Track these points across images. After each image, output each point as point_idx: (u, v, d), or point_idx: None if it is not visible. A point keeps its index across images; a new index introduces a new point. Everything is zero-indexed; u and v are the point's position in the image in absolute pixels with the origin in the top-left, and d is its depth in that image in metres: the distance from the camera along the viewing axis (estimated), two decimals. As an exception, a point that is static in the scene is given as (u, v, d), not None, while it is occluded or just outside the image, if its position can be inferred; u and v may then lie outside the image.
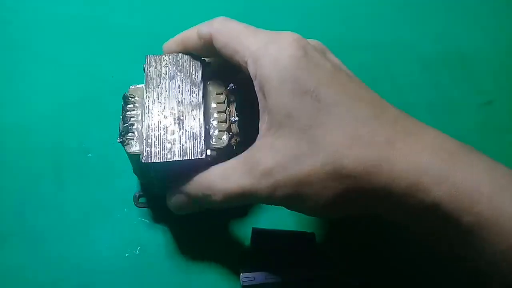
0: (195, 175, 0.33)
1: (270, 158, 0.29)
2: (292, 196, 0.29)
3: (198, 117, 0.34)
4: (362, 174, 0.27)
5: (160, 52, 0.38)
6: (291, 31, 0.49)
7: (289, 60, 0.30)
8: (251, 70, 0.31)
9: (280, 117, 0.29)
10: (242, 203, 0.32)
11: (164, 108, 0.34)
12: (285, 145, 0.29)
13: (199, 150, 0.32)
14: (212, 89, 0.37)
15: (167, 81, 0.36)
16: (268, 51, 0.31)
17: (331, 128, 0.28)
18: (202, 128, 0.33)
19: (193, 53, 0.37)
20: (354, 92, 0.30)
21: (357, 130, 0.28)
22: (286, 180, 0.29)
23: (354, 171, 0.28)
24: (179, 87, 0.36)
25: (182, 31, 0.49)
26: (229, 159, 0.32)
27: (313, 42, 0.34)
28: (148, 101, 0.35)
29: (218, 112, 0.36)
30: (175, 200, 0.34)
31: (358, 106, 0.29)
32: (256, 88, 0.32)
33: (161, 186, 0.36)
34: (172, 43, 0.38)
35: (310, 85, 0.29)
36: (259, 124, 0.32)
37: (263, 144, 0.31)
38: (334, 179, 0.28)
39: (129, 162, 0.36)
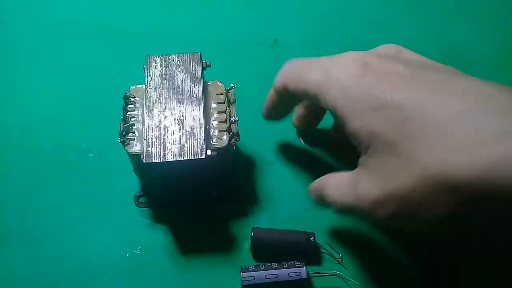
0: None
1: (367, 178, 0.28)
2: (396, 216, 0.27)
3: (199, 117, 0.34)
4: (475, 181, 0.23)
5: (160, 52, 0.38)
6: (291, 30, 0.50)
7: (352, 80, 0.28)
8: (321, 102, 0.30)
9: (364, 137, 0.28)
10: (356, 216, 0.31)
11: (165, 108, 0.35)
12: (378, 163, 0.27)
13: (199, 150, 0.33)
14: (212, 89, 0.37)
15: (167, 81, 0.36)
16: (330, 78, 0.29)
17: (423, 136, 0.25)
18: (202, 128, 0.33)
19: (287, 110, 0.37)
20: (441, 87, 0.26)
21: (455, 132, 0.24)
22: (385, 199, 0.27)
23: (465, 179, 0.23)
24: (179, 87, 0.36)
25: (181, 32, 0.49)
26: (228, 159, 0.32)
27: (383, 48, 0.32)
28: (149, 101, 0.35)
29: (218, 112, 0.36)
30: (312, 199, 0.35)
31: (450, 102, 0.25)
32: (333, 116, 0.30)
33: (162, 186, 0.36)
34: (265, 110, 0.38)
35: (383, 97, 0.27)
36: (352, 141, 0.30)
37: (360, 163, 0.29)
38: (442, 192, 0.24)
39: (130, 162, 0.36)
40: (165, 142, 0.33)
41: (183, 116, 0.34)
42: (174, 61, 0.37)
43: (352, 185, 0.29)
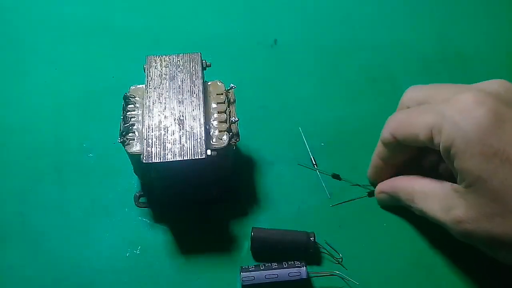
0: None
1: (463, 210, 0.31)
2: (481, 244, 0.32)
3: (199, 117, 0.34)
4: None
5: (160, 52, 0.38)
6: (291, 30, 0.50)
7: (471, 122, 0.29)
8: (436, 141, 0.32)
9: (471, 178, 0.30)
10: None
11: (165, 108, 0.35)
12: (477, 202, 0.30)
13: (199, 150, 0.33)
14: (213, 89, 0.37)
15: (167, 81, 0.36)
16: (448, 121, 0.31)
17: None
18: (203, 128, 0.33)
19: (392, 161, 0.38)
20: None
21: None
22: (477, 232, 0.31)
23: None
24: (179, 88, 0.36)
25: (181, 32, 0.49)
26: (228, 159, 0.32)
27: (491, 84, 0.33)
28: (149, 101, 0.35)
29: (218, 112, 0.36)
30: (380, 198, 0.39)
31: None
32: (442, 154, 0.32)
33: (162, 186, 0.36)
34: (372, 171, 0.40)
35: (498, 146, 0.29)
36: (454, 175, 0.32)
37: (459, 191, 0.31)
38: None
39: (130, 162, 0.36)
40: (165, 142, 0.33)
41: (183, 116, 0.34)
42: (174, 61, 0.37)
43: (444, 205, 0.32)
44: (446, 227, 0.33)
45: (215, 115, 0.36)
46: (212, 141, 0.34)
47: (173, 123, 0.34)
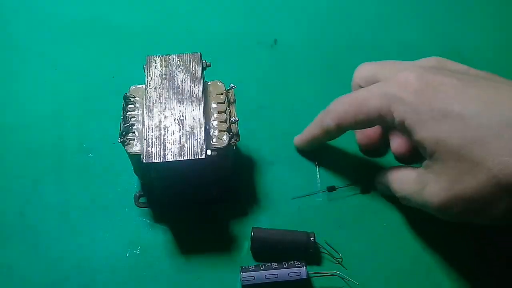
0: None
1: (433, 182, 0.31)
2: (463, 213, 0.31)
3: (199, 117, 0.34)
4: None
5: (160, 52, 0.38)
6: (291, 30, 0.50)
7: (413, 95, 0.31)
8: (387, 120, 0.33)
9: (430, 146, 0.31)
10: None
11: (165, 108, 0.35)
12: (443, 167, 0.31)
13: (199, 150, 0.33)
14: (213, 89, 0.37)
15: (167, 81, 0.36)
16: (392, 98, 0.32)
17: (483, 142, 0.29)
18: (203, 128, 0.33)
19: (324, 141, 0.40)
20: (493, 95, 0.30)
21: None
22: (454, 199, 0.30)
23: None
24: (179, 88, 0.36)
25: (181, 32, 0.49)
26: (228, 159, 0.32)
27: (429, 61, 0.35)
28: (149, 101, 0.35)
29: (218, 112, 0.36)
30: (379, 189, 0.39)
31: (503, 109, 0.29)
32: (400, 130, 0.33)
33: (162, 186, 0.36)
34: (303, 142, 0.41)
35: (445, 107, 0.30)
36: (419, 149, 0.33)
37: (425, 166, 0.32)
38: (506, 189, 0.28)
39: (130, 162, 0.36)
40: (165, 142, 0.33)
41: (183, 116, 0.34)
42: (174, 61, 0.37)
43: (418, 185, 0.33)
44: (427, 208, 0.33)
45: (215, 115, 0.36)
46: (212, 141, 0.34)
47: (173, 123, 0.34)
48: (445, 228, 0.37)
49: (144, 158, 0.32)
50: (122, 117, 0.35)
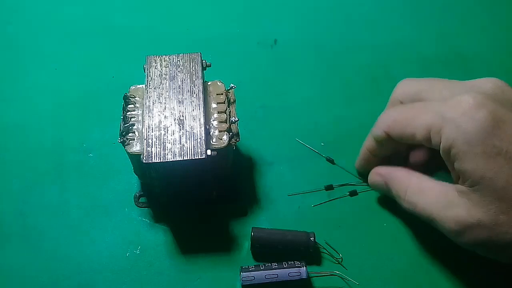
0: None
1: (465, 208, 0.31)
2: (480, 243, 0.31)
3: (199, 117, 0.34)
4: None
5: (160, 52, 0.38)
6: (291, 30, 0.50)
7: (472, 124, 0.30)
8: (434, 142, 0.32)
9: (474, 178, 0.30)
10: (424, 221, 0.34)
11: (165, 108, 0.35)
12: (481, 201, 0.30)
13: (199, 150, 0.33)
14: (213, 89, 0.37)
15: (167, 81, 0.36)
16: (448, 123, 0.31)
17: None
18: (203, 128, 0.33)
19: (379, 155, 0.38)
20: None
21: None
22: (478, 230, 0.30)
23: None
24: (179, 88, 0.36)
25: (181, 32, 0.49)
26: (228, 159, 0.32)
27: (487, 84, 0.33)
28: (149, 101, 0.35)
29: (218, 112, 0.36)
30: (373, 179, 0.38)
31: None
32: (442, 154, 0.32)
33: (162, 186, 0.36)
34: (360, 162, 0.40)
35: (501, 146, 0.29)
36: (453, 176, 0.33)
37: (461, 190, 0.32)
38: None
39: (130, 162, 0.36)
40: (165, 142, 0.33)
41: (183, 116, 0.34)
42: (174, 61, 0.37)
43: (443, 203, 0.32)
44: (441, 223, 0.33)
45: (215, 115, 0.36)
46: (212, 141, 0.34)
47: (173, 123, 0.34)
48: (434, 227, 0.37)
49: (144, 158, 0.32)
50: (122, 117, 0.35)
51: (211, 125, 0.35)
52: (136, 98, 0.36)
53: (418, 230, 0.38)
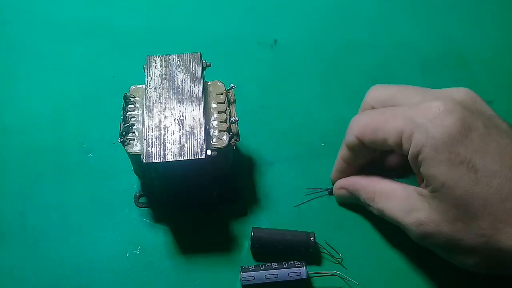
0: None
1: (426, 213, 0.32)
2: (439, 247, 0.33)
3: (199, 117, 0.34)
4: None
5: (160, 52, 0.38)
6: (291, 30, 0.50)
7: (441, 130, 0.30)
8: (405, 147, 0.32)
9: (435, 185, 0.31)
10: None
11: (165, 108, 0.35)
12: (440, 207, 0.31)
13: (199, 150, 0.33)
14: (213, 89, 0.37)
15: (167, 81, 0.36)
16: (418, 128, 0.31)
17: (488, 201, 0.29)
18: (203, 128, 0.33)
19: (356, 163, 0.38)
20: (510, 158, 0.30)
21: (508, 208, 0.29)
22: (437, 235, 0.31)
23: (509, 248, 0.29)
24: (179, 88, 0.36)
25: (181, 32, 0.49)
26: (228, 159, 0.32)
27: (459, 93, 0.33)
28: (149, 101, 0.35)
29: (218, 112, 0.36)
30: (338, 193, 0.39)
31: None
32: (410, 159, 0.32)
33: (162, 186, 0.36)
34: (335, 174, 0.40)
35: (465, 155, 0.30)
36: (417, 179, 0.33)
37: (422, 196, 0.32)
38: (487, 249, 0.30)
39: (130, 162, 0.36)
40: (165, 142, 0.33)
41: (183, 116, 0.34)
42: (174, 61, 0.37)
43: (406, 207, 0.33)
44: (405, 227, 0.33)
45: (215, 115, 0.36)
46: (212, 141, 0.34)
47: (173, 123, 0.34)
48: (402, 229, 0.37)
49: (144, 158, 0.32)
50: (122, 117, 0.35)
51: (211, 125, 0.35)
52: (136, 98, 0.36)
53: (418, 230, 0.38)
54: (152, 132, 0.33)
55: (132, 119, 0.35)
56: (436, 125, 0.30)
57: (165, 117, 0.34)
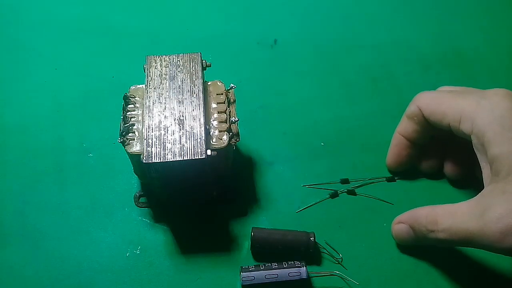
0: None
1: (503, 203, 0.29)
2: None
3: (199, 117, 0.34)
4: None
5: (160, 52, 0.38)
6: (291, 30, 0.50)
7: (506, 111, 0.31)
8: (466, 127, 0.33)
9: (508, 163, 0.29)
10: (465, 245, 0.32)
11: (165, 108, 0.35)
12: None
13: (199, 150, 0.33)
14: (213, 89, 0.37)
15: (167, 81, 0.36)
16: (483, 107, 0.32)
17: None
18: (203, 128, 0.33)
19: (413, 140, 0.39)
20: None
21: None
22: None
23: None
24: (179, 88, 0.36)
25: (181, 32, 0.49)
26: (228, 159, 0.32)
27: (506, 91, 0.34)
28: (149, 101, 0.35)
29: (218, 112, 0.36)
30: (397, 230, 0.37)
31: None
32: (474, 142, 0.32)
33: (162, 186, 0.36)
34: (391, 155, 0.40)
35: None
36: (482, 172, 0.32)
37: (493, 189, 0.30)
38: None
39: (130, 162, 0.36)
40: (165, 142, 0.33)
41: (183, 116, 0.34)
42: (174, 61, 0.37)
43: (476, 210, 0.30)
44: (480, 236, 0.29)
45: (215, 115, 0.36)
46: (212, 141, 0.34)
47: (173, 123, 0.34)
48: (484, 250, 0.36)
49: (144, 158, 0.32)
50: (122, 117, 0.35)
51: (211, 125, 0.35)
52: (136, 98, 0.36)
53: (418, 230, 0.38)
54: (152, 132, 0.33)
55: (132, 119, 0.35)
56: (503, 105, 0.31)
57: (165, 117, 0.34)
